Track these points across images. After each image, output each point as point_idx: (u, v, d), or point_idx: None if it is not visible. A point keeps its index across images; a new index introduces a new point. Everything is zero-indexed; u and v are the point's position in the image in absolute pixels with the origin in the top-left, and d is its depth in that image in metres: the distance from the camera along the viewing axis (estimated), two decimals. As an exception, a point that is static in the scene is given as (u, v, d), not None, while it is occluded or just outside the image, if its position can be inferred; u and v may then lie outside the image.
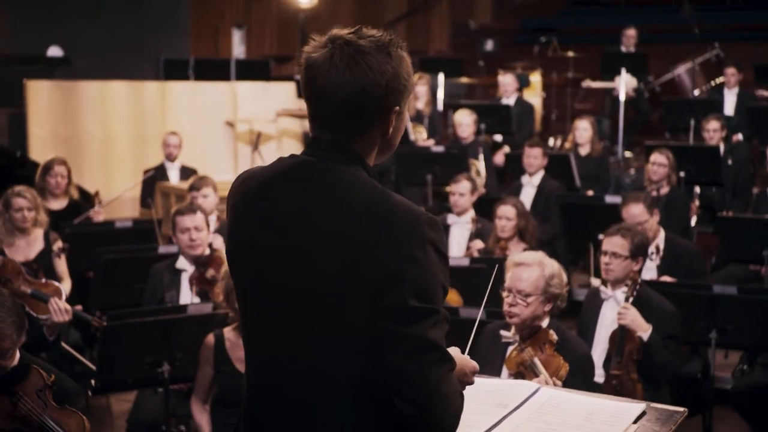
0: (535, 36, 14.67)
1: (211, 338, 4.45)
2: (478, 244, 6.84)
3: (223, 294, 4.45)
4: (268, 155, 11.35)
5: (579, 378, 3.96)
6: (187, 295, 5.51)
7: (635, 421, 2.86)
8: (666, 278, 5.85)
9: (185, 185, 8.90)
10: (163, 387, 4.66)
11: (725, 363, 6.93)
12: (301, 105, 12.11)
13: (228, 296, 4.40)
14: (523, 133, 10.48)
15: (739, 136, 9.89)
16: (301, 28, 14.90)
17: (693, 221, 7.94)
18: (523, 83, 12.02)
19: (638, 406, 2.91)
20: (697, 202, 8.10)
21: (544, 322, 4.16)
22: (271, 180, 2.18)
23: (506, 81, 10.78)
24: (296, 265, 2.09)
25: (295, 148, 12.08)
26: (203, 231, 5.53)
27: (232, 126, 11.76)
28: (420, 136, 10.50)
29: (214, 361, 4.42)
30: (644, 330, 4.81)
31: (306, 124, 12.00)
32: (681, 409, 2.91)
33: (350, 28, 2.18)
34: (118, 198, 8.65)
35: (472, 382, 2.37)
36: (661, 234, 6.16)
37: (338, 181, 2.11)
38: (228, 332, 4.47)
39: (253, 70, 13.54)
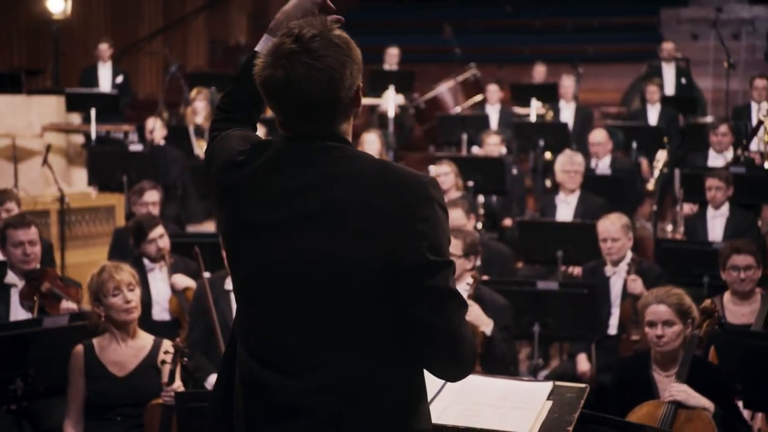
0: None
1: (79, 348, 4.34)
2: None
3: (92, 297, 4.35)
4: (35, 170, 10.87)
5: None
6: (18, 311, 5.28)
7: (548, 398, 3.15)
8: (485, 277, 6.24)
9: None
10: (16, 404, 4.49)
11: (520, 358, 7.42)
12: (69, 119, 11.67)
13: (98, 298, 4.31)
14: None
15: (503, 149, 10.58)
16: (54, 39, 14.30)
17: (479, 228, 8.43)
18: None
19: (547, 384, 3.18)
20: (481, 210, 8.63)
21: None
22: (273, 161, 2.27)
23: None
24: (315, 235, 2.20)
25: (61, 162, 11.59)
26: (37, 245, 5.34)
27: (-9, 141, 11.14)
28: (204, 150, 10.42)
29: (85, 369, 4.32)
30: (486, 325, 5.11)
31: (73, 138, 11.65)
32: (583, 385, 3.23)
33: (287, 38, 2.23)
34: None
35: None
36: (477, 237, 6.55)
37: (341, 156, 2.25)
38: (97, 340, 4.37)
39: (2, 83, 12.86)
